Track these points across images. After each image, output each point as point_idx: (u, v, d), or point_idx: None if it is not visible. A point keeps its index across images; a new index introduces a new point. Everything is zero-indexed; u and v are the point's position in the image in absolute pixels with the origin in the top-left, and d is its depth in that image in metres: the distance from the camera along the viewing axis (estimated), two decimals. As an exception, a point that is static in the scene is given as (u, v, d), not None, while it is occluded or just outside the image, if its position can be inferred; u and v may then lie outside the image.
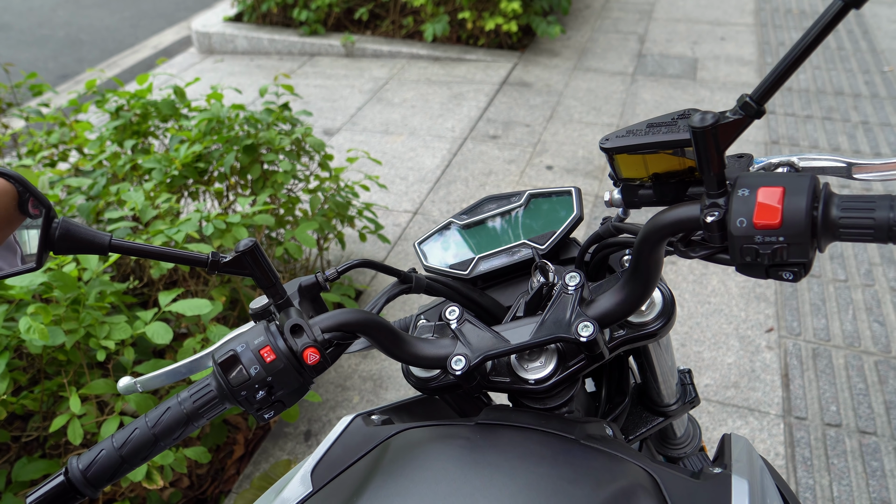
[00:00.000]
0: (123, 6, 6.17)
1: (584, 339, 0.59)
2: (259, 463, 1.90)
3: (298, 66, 4.49)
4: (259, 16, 4.85)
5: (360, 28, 4.76)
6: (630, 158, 0.58)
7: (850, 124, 3.39)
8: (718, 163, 0.48)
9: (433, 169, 3.23)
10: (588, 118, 3.60)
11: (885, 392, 1.99)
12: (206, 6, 5.78)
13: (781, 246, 0.46)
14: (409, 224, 2.85)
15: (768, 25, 4.66)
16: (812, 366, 2.09)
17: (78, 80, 4.61)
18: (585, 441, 0.60)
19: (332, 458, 0.65)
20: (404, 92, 4.03)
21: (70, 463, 0.58)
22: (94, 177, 1.93)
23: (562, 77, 4.09)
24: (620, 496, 0.52)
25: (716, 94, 3.79)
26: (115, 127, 2.10)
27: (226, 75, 4.41)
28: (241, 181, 2.16)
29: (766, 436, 1.88)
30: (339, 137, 3.57)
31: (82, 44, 5.33)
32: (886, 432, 1.87)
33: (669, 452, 0.98)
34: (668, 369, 0.80)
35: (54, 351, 1.43)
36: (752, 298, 2.35)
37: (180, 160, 1.92)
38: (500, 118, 3.66)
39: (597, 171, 3.13)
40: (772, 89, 0.48)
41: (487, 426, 0.64)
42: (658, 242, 0.54)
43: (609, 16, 5.03)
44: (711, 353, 2.15)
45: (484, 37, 4.44)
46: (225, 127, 2.08)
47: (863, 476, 1.76)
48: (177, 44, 5.17)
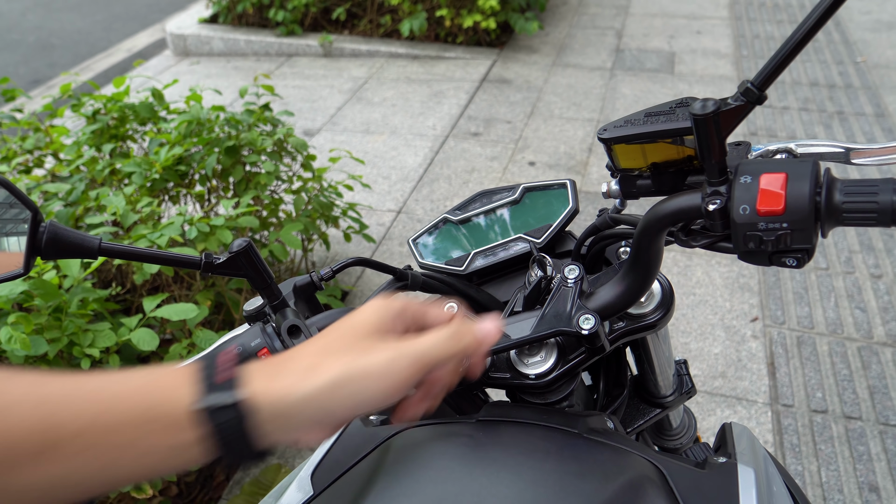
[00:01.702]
0: (95, 9, 6.07)
1: (585, 332, 0.59)
2: (249, 468, 1.87)
3: (276, 66, 4.45)
4: (235, 17, 4.80)
5: (337, 28, 4.73)
6: (628, 148, 0.58)
7: (826, 114, 3.44)
8: (720, 150, 0.48)
9: (416, 167, 3.22)
10: (568, 113, 3.61)
11: (869, 377, 2.01)
12: (179, 8, 5.70)
13: (785, 232, 0.46)
14: (394, 223, 2.84)
15: (743, 19, 4.71)
16: (797, 353, 2.11)
17: (51, 85, 4.53)
18: (589, 435, 0.60)
19: (332, 460, 0.64)
20: (384, 91, 4.01)
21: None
22: (72, 182, 1.89)
23: (541, 73, 4.10)
24: (628, 489, 0.52)
25: (694, 87, 3.82)
26: (92, 131, 2.06)
27: (203, 77, 4.35)
28: (223, 183, 2.13)
29: (754, 424, 1.90)
30: (320, 138, 3.54)
31: (54, 48, 5.24)
32: (871, 417, 1.90)
33: (666, 444, 0.98)
34: (665, 360, 0.80)
35: (37, 361, 1.40)
36: (737, 289, 2.37)
37: (160, 163, 1.89)
38: (480, 115, 3.65)
39: (579, 167, 3.14)
40: (773, 74, 0.47)
41: (489, 423, 0.63)
42: (658, 232, 0.54)
43: (586, 11, 5.05)
44: (698, 343, 2.17)
45: (462, 34, 4.44)
46: (205, 129, 2.05)
47: (850, 461, 1.79)
48: (151, 46, 5.10)
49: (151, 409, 0.37)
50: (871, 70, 3.88)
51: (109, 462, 0.36)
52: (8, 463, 0.33)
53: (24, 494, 0.34)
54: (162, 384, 0.38)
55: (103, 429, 0.35)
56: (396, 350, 0.43)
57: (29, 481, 0.34)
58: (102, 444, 0.35)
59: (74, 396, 0.36)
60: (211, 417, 0.37)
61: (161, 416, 0.37)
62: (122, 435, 0.36)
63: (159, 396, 0.37)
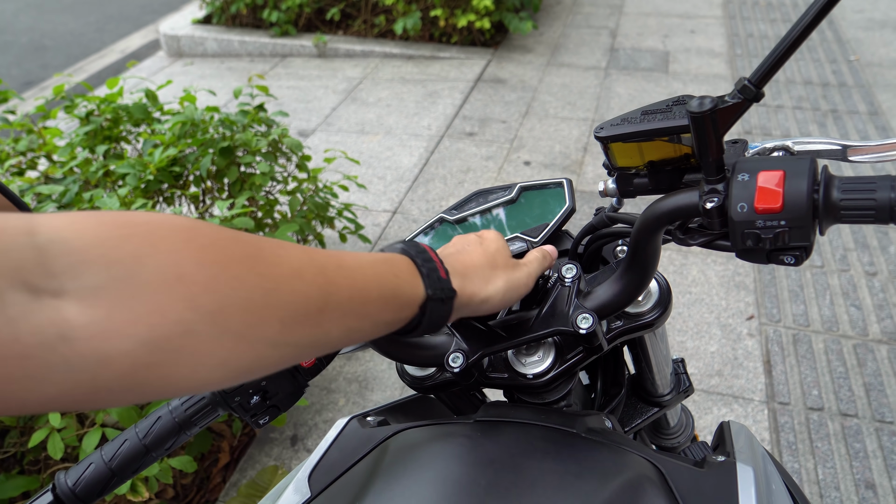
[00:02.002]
0: (88, 10, 6.05)
1: (583, 331, 0.59)
2: (245, 470, 1.87)
3: (270, 67, 4.44)
4: (228, 17, 4.79)
5: (331, 28, 4.73)
6: (625, 147, 0.57)
7: (820, 113, 3.45)
8: (717, 148, 0.48)
9: (411, 167, 3.21)
10: (563, 113, 3.62)
11: (864, 374, 2.02)
12: (173, 9, 5.69)
13: (783, 230, 0.46)
14: (389, 223, 2.83)
15: (737, 18, 4.73)
16: (793, 351, 2.11)
17: (44, 87, 4.51)
18: (587, 435, 0.60)
19: (329, 462, 0.63)
20: (379, 91, 4.01)
21: (58, 478, 0.56)
22: (66, 184, 1.88)
23: (536, 73, 4.10)
24: (628, 488, 0.52)
25: (688, 86, 3.82)
26: (86, 132, 2.05)
27: (196, 78, 4.34)
28: (218, 184, 2.13)
29: (750, 422, 1.90)
30: (315, 138, 3.54)
31: (47, 49, 5.21)
32: (867, 414, 1.90)
33: (663, 442, 0.98)
34: (663, 359, 0.80)
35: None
36: (732, 287, 2.37)
37: (155, 164, 1.88)
38: (475, 115, 3.65)
39: (574, 166, 3.14)
40: (770, 72, 0.47)
41: (487, 423, 0.63)
42: (656, 231, 0.54)
43: (580, 11, 5.05)
44: (694, 342, 2.17)
45: (457, 34, 4.44)
46: (199, 130, 2.04)
47: (846, 458, 1.79)
48: (144, 47, 5.08)
49: (394, 290, 0.46)
50: (865, 68, 3.89)
51: (354, 326, 0.43)
52: (294, 319, 0.38)
53: (295, 348, 0.39)
54: (400, 272, 0.47)
55: (360, 300, 0.43)
56: (526, 268, 0.60)
57: (303, 336, 0.39)
58: (356, 312, 0.43)
59: (342, 270, 0.43)
60: (430, 303, 0.49)
61: (399, 297, 0.46)
62: (370, 307, 0.44)
63: (400, 282, 0.47)
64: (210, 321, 0.33)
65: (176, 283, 0.32)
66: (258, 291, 0.36)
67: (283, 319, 0.37)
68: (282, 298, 0.37)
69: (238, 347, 0.35)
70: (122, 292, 0.30)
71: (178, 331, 0.32)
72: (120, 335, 0.30)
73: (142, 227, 0.33)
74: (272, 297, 0.37)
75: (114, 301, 0.30)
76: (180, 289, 0.32)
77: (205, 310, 0.33)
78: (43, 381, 0.29)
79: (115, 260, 0.31)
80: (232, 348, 0.34)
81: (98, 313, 0.30)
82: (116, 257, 0.31)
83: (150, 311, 0.31)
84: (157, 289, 0.31)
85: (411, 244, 0.52)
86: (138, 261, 0.31)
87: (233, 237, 0.37)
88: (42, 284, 0.29)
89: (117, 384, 0.31)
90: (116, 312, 0.30)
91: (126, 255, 0.31)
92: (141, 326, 0.31)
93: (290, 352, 0.39)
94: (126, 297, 0.31)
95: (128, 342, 0.30)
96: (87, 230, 0.31)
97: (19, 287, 0.28)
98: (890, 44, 4.19)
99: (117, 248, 0.31)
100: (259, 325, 0.36)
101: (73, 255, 0.30)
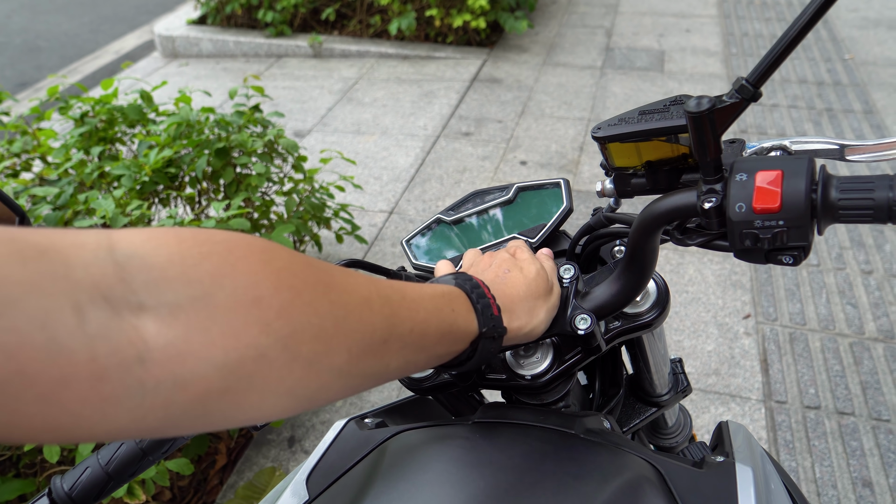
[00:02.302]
0: (82, 11, 6.03)
1: (581, 332, 0.58)
2: (243, 472, 1.86)
3: (266, 67, 4.43)
4: (223, 18, 4.78)
5: (327, 28, 4.72)
6: (622, 147, 0.57)
7: (815, 111, 3.46)
8: (715, 148, 0.48)
9: (407, 168, 3.21)
10: (559, 112, 3.62)
11: (861, 373, 2.02)
12: (167, 9, 5.67)
13: (781, 230, 0.46)
14: (386, 224, 2.83)
15: (732, 17, 4.73)
16: (790, 350, 2.12)
17: (38, 88, 4.49)
18: (586, 436, 0.59)
19: (327, 464, 0.63)
20: (374, 91, 4.00)
21: (53, 483, 0.56)
22: (61, 186, 1.87)
23: (531, 72, 4.10)
24: (627, 490, 0.51)
25: (684, 85, 3.83)
26: (81, 134, 2.04)
27: (192, 79, 4.33)
28: (214, 185, 2.12)
29: (748, 421, 1.90)
30: (311, 139, 3.53)
31: (41, 50, 5.19)
32: (864, 412, 1.91)
33: (661, 442, 0.98)
34: (661, 359, 0.80)
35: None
36: (729, 286, 2.38)
37: (150, 166, 1.87)
38: (471, 115, 3.65)
39: (570, 165, 3.14)
40: (768, 71, 0.47)
41: (485, 425, 0.62)
42: (654, 231, 0.54)
43: (576, 10, 5.06)
44: (691, 341, 2.17)
45: (452, 34, 4.43)
46: (195, 131, 2.04)
47: (843, 456, 1.79)
48: (139, 48, 5.07)
49: (451, 325, 0.47)
50: (859, 67, 3.90)
51: (412, 359, 0.44)
52: (362, 349, 0.38)
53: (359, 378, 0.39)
54: (457, 306, 0.48)
55: (420, 333, 0.44)
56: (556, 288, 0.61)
57: (367, 367, 0.39)
58: (415, 345, 0.44)
59: (405, 302, 0.43)
60: (483, 340, 0.50)
61: (454, 332, 0.47)
62: (428, 340, 0.45)
63: (456, 317, 0.48)
64: (282, 346, 0.33)
65: (252, 305, 0.32)
66: (329, 319, 0.36)
67: (351, 349, 0.37)
68: (351, 327, 0.37)
69: (307, 375, 0.34)
70: (200, 312, 0.30)
71: (251, 355, 0.31)
72: (196, 358, 0.29)
73: (221, 246, 0.32)
74: (342, 325, 0.37)
75: (191, 321, 0.30)
76: (256, 312, 0.32)
77: (278, 335, 0.32)
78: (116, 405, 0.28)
79: (194, 279, 0.30)
80: (301, 376, 0.34)
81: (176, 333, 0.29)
82: (195, 276, 0.30)
83: (226, 333, 0.30)
84: (234, 311, 0.31)
85: (463, 277, 0.52)
86: (216, 281, 0.31)
87: (306, 262, 0.37)
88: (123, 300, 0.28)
89: (189, 411, 0.30)
90: (194, 333, 0.29)
91: (204, 274, 0.31)
92: (217, 350, 0.30)
93: (353, 383, 0.39)
94: (203, 317, 0.30)
95: (203, 365, 0.30)
96: (167, 247, 0.30)
97: (100, 302, 0.27)
98: (884, 42, 4.20)
99: (196, 267, 0.31)
100: (329, 353, 0.36)
101: (153, 272, 0.29)
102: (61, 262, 0.27)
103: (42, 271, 0.26)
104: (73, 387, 0.26)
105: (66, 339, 0.26)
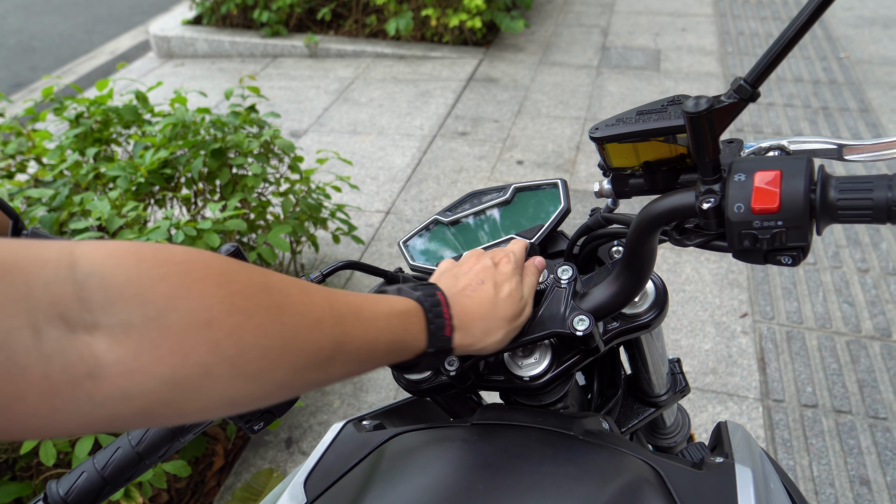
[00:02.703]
0: (77, 12, 6.01)
1: (580, 334, 0.58)
2: (240, 473, 1.86)
3: (261, 68, 4.42)
4: (219, 18, 4.77)
5: (322, 28, 4.71)
6: (620, 147, 0.57)
7: (811, 110, 3.46)
8: (713, 148, 0.47)
9: (404, 168, 3.21)
10: (556, 112, 3.62)
11: (858, 371, 2.03)
12: (162, 10, 5.65)
13: (780, 230, 0.46)
14: (382, 224, 2.83)
15: (727, 15, 4.74)
16: (787, 348, 2.12)
17: (33, 89, 4.47)
18: (584, 437, 0.59)
19: (326, 467, 0.63)
20: (371, 91, 4.00)
21: (49, 487, 0.55)
22: (56, 187, 1.86)
23: (528, 72, 4.10)
24: (626, 491, 0.51)
25: (680, 84, 3.83)
26: (76, 135, 2.03)
27: (187, 79, 4.32)
28: (210, 186, 2.11)
29: (745, 420, 1.90)
30: (307, 139, 3.52)
31: (35, 51, 5.17)
32: (861, 410, 1.91)
33: (660, 442, 0.98)
34: (659, 359, 0.80)
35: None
36: (726, 285, 2.38)
37: (146, 167, 1.86)
38: (468, 115, 3.65)
39: (567, 165, 3.14)
40: (766, 71, 0.47)
41: (484, 426, 0.62)
42: (652, 231, 0.53)
43: (572, 10, 5.06)
44: (688, 340, 2.17)
45: (448, 34, 4.43)
46: (191, 131, 2.03)
47: (840, 455, 1.80)
48: (134, 49, 5.05)
49: (398, 344, 0.48)
50: (854, 66, 3.91)
51: (354, 369, 0.45)
52: (305, 366, 0.40)
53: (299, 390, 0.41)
54: (410, 326, 0.50)
55: (367, 351, 0.45)
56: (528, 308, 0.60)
57: (309, 381, 0.41)
58: (361, 360, 0.45)
59: (357, 321, 0.45)
60: (432, 355, 0.51)
61: (403, 349, 0.49)
62: (374, 355, 0.46)
63: (406, 336, 0.49)
64: (229, 365, 0.35)
65: (203, 327, 0.33)
66: (278, 340, 0.38)
67: (296, 366, 0.39)
68: (298, 347, 0.39)
69: (249, 388, 0.37)
70: (152, 332, 0.32)
71: (197, 372, 0.33)
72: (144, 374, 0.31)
73: (179, 268, 0.34)
74: (290, 345, 0.39)
75: (143, 340, 0.31)
76: (207, 333, 0.34)
77: (226, 354, 0.34)
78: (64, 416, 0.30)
79: (150, 300, 0.32)
80: (243, 389, 0.36)
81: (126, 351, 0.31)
82: (151, 297, 0.32)
83: (175, 352, 0.32)
84: (185, 331, 0.33)
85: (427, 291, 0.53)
86: (171, 302, 0.33)
87: (264, 285, 0.38)
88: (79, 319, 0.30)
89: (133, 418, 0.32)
90: (144, 351, 0.31)
91: (160, 295, 0.32)
92: (164, 367, 0.32)
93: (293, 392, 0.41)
94: (155, 336, 0.32)
95: (150, 381, 0.32)
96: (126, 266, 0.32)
97: (57, 321, 0.29)
98: (879, 41, 4.21)
99: (153, 288, 0.32)
100: (273, 370, 0.37)
101: (111, 291, 0.31)
102: (23, 282, 0.28)
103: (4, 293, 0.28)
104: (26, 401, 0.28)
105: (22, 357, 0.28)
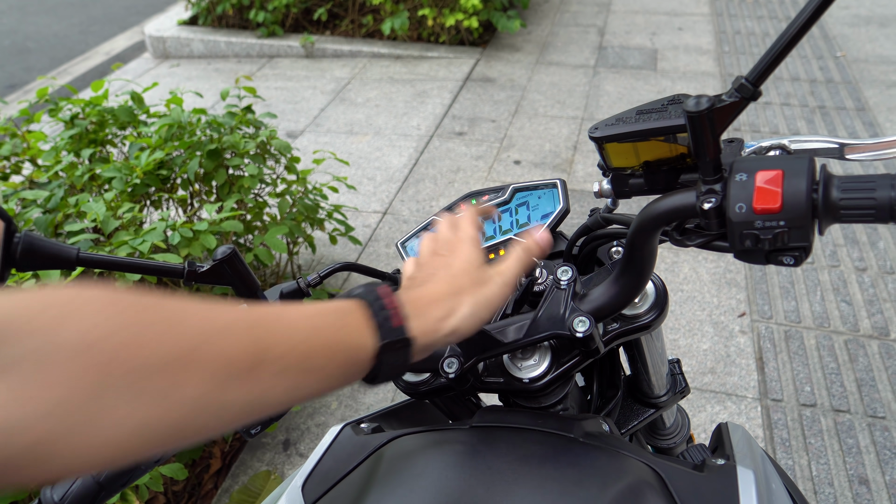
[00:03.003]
0: (72, 12, 5.99)
1: (579, 335, 0.58)
2: (237, 476, 1.85)
3: (257, 68, 4.41)
4: (214, 18, 4.75)
5: (319, 28, 4.70)
6: (620, 147, 0.57)
7: (808, 109, 3.47)
8: (714, 148, 0.47)
9: (400, 168, 3.20)
10: (553, 112, 3.61)
11: (856, 370, 2.03)
12: (158, 10, 5.64)
13: (782, 230, 0.45)
14: (380, 224, 2.82)
15: (724, 15, 4.74)
16: (785, 348, 2.12)
17: (27, 90, 4.46)
18: (585, 439, 0.59)
19: (324, 470, 0.62)
20: (367, 91, 3.99)
21: (43, 494, 0.54)
22: (51, 188, 1.85)
23: (525, 72, 4.10)
24: (628, 494, 0.51)
25: (677, 83, 3.83)
26: (71, 136, 2.02)
27: (183, 80, 4.31)
28: (206, 187, 2.11)
29: (744, 419, 1.90)
30: (304, 139, 3.51)
31: (30, 52, 5.16)
32: (859, 409, 1.91)
33: (659, 443, 0.98)
34: (659, 360, 0.79)
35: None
36: (724, 284, 2.38)
37: (141, 168, 1.86)
38: (465, 114, 3.64)
39: (564, 165, 3.14)
40: (768, 70, 0.46)
41: (483, 429, 0.62)
42: (653, 232, 0.53)
43: (568, 9, 5.05)
44: (687, 340, 2.17)
45: (445, 34, 4.42)
46: (186, 132, 2.02)
47: (839, 454, 1.79)
48: (130, 49, 5.04)
49: (341, 343, 0.44)
50: (851, 64, 3.91)
51: (298, 383, 0.41)
52: (223, 378, 0.37)
53: (227, 410, 0.37)
54: (349, 322, 0.45)
55: (301, 355, 0.41)
56: (500, 276, 0.54)
57: (235, 397, 0.38)
58: (296, 368, 0.41)
59: (279, 324, 0.41)
60: (385, 352, 0.46)
61: (348, 350, 0.44)
62: (314, 361, 0.42)
63: (346, 334, 0.44)
64: (124, 384, 0.33)
65: (88, 349, 0.32)
66: (177, 350, 0.35)
67: (207, 379, 0.36)
68: (203, 357, 0.36)
69: (157, 410, 0.34)
70: (35, 363, 0.30)
71: (86, 397, 0.31)
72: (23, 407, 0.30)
73: (62, 297, 0.33)
74: (193, 356, 0.36)
75: (25, 373, 0.30)
76: (93, 354, 0.32)
77: (118, 373, 0.32)
78: None
79: (32, 330, 0.31)
80: (150, 411, 0.34)
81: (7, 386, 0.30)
82: (33, 328, 0.31)
83: (60, 380, 0.31)
84: (69, 356, 0.31)
85: (371, 289, 0.49)
86: (53, 330, 0.31)
87: (156, 303, 0.36)
88: None
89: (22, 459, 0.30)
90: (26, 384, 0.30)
91: (42, 324, 0.31)
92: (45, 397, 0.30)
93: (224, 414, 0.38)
94: (38, 367, 0.30)
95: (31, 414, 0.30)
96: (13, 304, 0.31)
97: None
98: (875, 40, 4.22)
99: (35, 319, 0.31)
100: (181, 386, 0.35)
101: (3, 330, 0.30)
102: None
103: None
104: None
105: None
